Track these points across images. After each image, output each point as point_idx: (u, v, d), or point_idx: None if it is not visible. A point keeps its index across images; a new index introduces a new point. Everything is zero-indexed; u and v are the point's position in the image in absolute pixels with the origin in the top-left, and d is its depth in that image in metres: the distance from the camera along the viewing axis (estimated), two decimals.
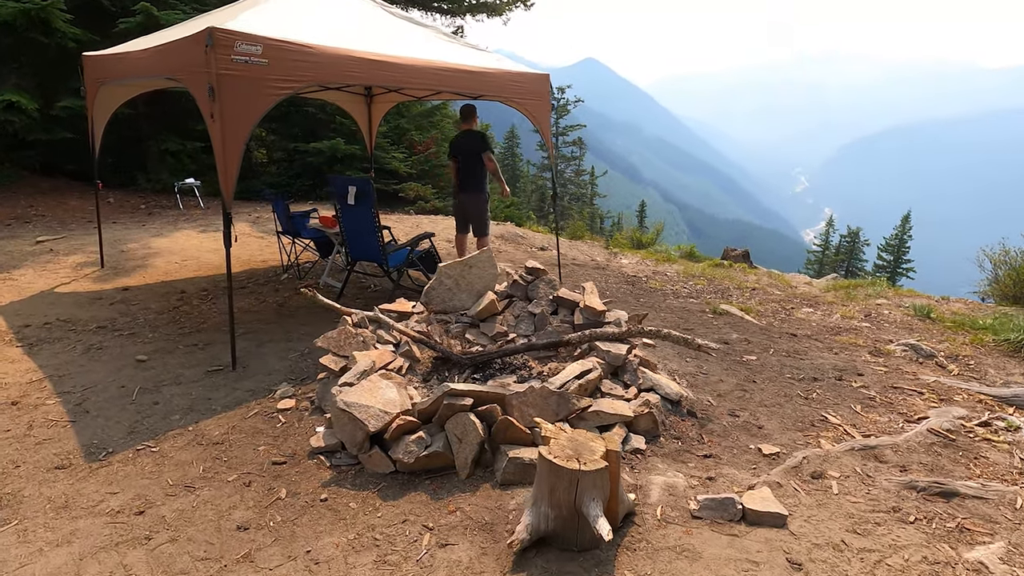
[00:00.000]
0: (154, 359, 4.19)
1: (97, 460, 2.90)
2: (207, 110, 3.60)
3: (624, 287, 6.95)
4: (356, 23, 4.99)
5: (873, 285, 8.45)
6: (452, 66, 4.98)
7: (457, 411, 2.69)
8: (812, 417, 3.45)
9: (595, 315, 3.70)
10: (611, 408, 2.95)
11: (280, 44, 3.76)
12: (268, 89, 3.76)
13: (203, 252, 7.24)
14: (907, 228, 34.70)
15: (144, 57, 4.48)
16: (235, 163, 3.68)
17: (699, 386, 3.82)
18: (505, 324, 4.02)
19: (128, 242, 7.45)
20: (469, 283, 4.10)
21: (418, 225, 10.13)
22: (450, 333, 3.96)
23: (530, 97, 5.75)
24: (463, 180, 6.01)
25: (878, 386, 4.01)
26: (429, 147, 13.00)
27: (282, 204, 6.21)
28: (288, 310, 5.34)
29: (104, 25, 9.39)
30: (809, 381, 4.06)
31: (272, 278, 6.37)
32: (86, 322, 4.89)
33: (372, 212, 4.88)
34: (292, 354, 4.28)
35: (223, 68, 3.52)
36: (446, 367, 3.70)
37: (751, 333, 5.18)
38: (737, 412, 3.45)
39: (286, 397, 3.54)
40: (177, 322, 4.98)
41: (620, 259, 9.41)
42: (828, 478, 2.66)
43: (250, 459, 2.90)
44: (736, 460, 2.90)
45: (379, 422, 2.69)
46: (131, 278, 6.13)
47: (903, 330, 5.56)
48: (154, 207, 9.92)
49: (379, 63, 4.37)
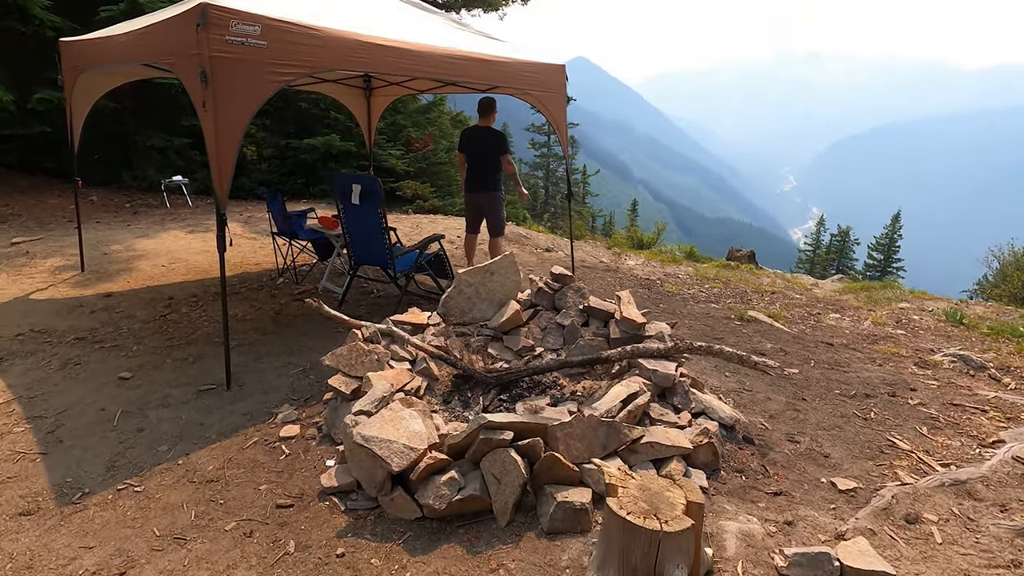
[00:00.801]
0: (139, 376, 3.76)
1: (71, 503, 2.48)
2: (198, 98, 3.18)
3: (640, 291, 6.59)
4: (360, 6, 4.58)
5: (890, 288, 8.17)
6: (466, 54, 4.58)
7: (495, 447, 2.31)
8: (878, 442, 3.11)
9: (634, 328, 3.33)
10: (666, 438, 2.58)
11: (281, 25, 3.34)
12: (267, 75, 3.35)
13: (192, 254, 6.78)
14: (897, 228, 34.82)
15: (127, 41, 4.04)
16: (230, 158, 3.26)
17: (747, 405, 3.47)
18: (531, 337, 3.64)
19: (111, 243, 6.98)
20: (490, 291, 3.72)
21: (418, 225, 9.71)
22: (470, 347, 3.57)
23: (545, 89, 5.37)
24: (478, 179, 5.62)
25: (936, 403, 3.69)
26: (427, 144, 12.57)
27: (278, 203, 5.77)
28: (286, 318, 4.92)
29: (85, 13, 8.86)
30: (861, 398, 3.72)
31: (267, 282, 5.94)
32: (63, 333, 4.44)
33: (379, 213, 4.48)
34: (293, 370, 3.87)
35: (217, 50, 3.11)
36: (467, 385, 3.32)
37: (785, 342, 4.84)
38: (796, 437, 3.09)
39: (289, 422, 3.13)
40: (164, 332, 4.54)
41: (626, 260, 9.05)
42: (925, 522, 2.31)
43: (251, 501, 2.50)
44: (810, 498, 2.54)
45: (404, 460, 2.30)
46: (114, 283, 5.67)
47: (940, 338, 5.26)
48: (139, 206, 9.41)
49: (389, 49, 3.96)
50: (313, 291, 5.63)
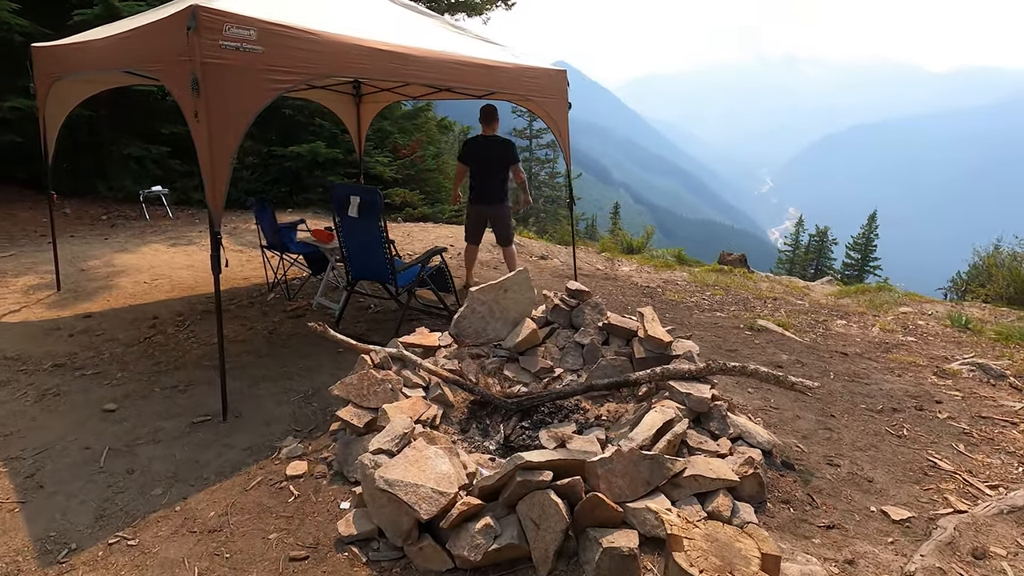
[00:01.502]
0: (125, 407, 3.48)
1: (56, 563, 2.22)
2: (189, 108, 2.93)
3: (643, 300, 6.44)
4: (355, 8, 4.36)
5: (886, 290, 8.16)
6: (469, 59, 4.39)
7: (533, 489, 2.11)
8: (918, 462, 2.98)
9: (660, 347, 3.16)
10: (710, 470, 2.40)
11: (279, 29, 3.11)
12: (264, 82, 3.11)
13: (175, 269, 6.46)
14: (873, 227, 35.44)
15: (107, 46, 3.77)
16: (224, 172, 3.02)
17: (777, 425, 3.32)
18: (548, 357, 3.45)
19: (88, 259, 6.62)
20: (504, 309, 3.52)
21: (409, 233, 9.47)
22: (486, 370, 3.37)
23: (547, 95, 5.20)
24: (485, 189, 5.43)
25: (965, 417, 3.58)
26: (414, 150, 12.32)
27: (268, 214, 5.49)
28: (281, 338, 4.65)
29: (57, 17, 8.47)
30: (889, 413, 3.60)
31: (257, 298, 5.66)
32: (40, 360, 4.13)
33: (379, 226, 4.24)
34: (293, 396, 3.62)
35: (210, 56, 2.87)
36: (485, 412, 3.12)
37: (799, 353, 4.72)
38: (834, 459, 2.95)
39: (295, 458, 2.89)
40: (151, 357, 4.25)
41: (621, 267, 8.91)
42: (994, 557, 2.17)
43: (260, 553, 2.26)
44: (865, 530, 2.38)
45: (433, 506, 2.09)
46: (93, 302, 5.34)
47: (951, 344, 5.19)
48: (117, 217, 9.01)
49: (391, 54, 3.75)
50: (307, 307, 5.38)
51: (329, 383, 3.82)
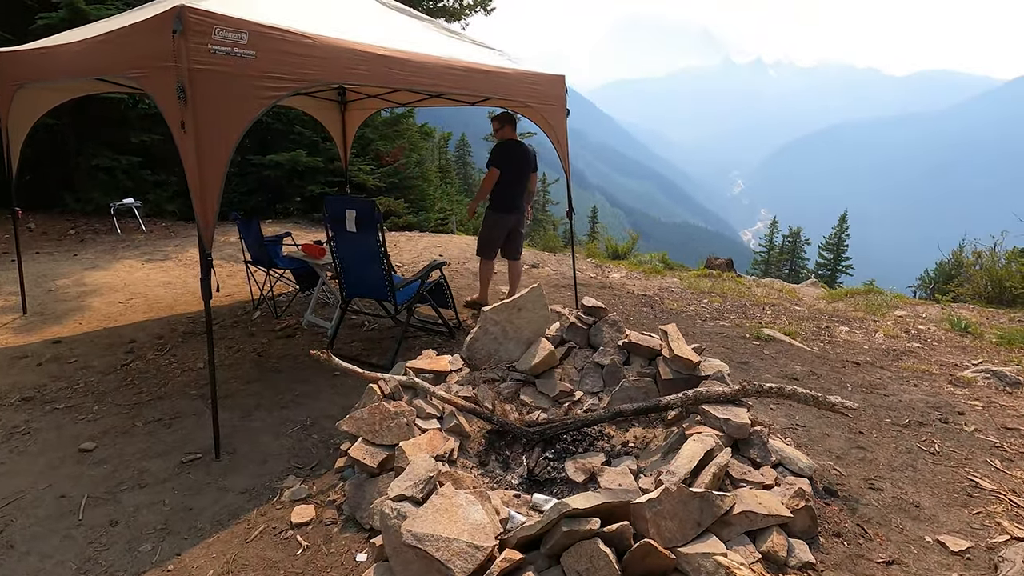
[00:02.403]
0: (104, 446, 3.17)
1: None
2: (175, 118, 2.66)
3: (643, 309, 6.29)
4: (346, 11, 4.13)
5: (876, 293, 8.17)
6: (466, 64, 4.19)
7: (579, 539, 1.91)
8: (959, 481, 2.85)
9: (688, 367, 2.98)
10: (759, 505, 2.23)
11: (273, 32, 2.87)
12: (257, 90, 2.86)
13: (151, 287, 6.09)
14: (844, 228, 36.17)
15: (80, 51, 3.46)
16: (216, 188, 2.75)
17: (807, 445, 3.17)
18: (567, 379, 3.25)
19: (57, 278, 6.21)
20: (518, 329, 3.31)
21: (396, 244, 9.20)
22: (501, 395, 3.15)
23: (546, 102, 5.01)
24: (516, 197, 5.20)
25: (992, 429, 3.48)
26: (397, 158, 12.05)
27: (253, 228, 5.18)
28: (271, 361, 4.36)
29: (19, 21, 8.04)
30: (916, 427, 3.49)
31: (242, 317, 5.35)
32: (6, 392, 3.78)
33: (377, 240, 4.00)
34: (291, 427, 3.35)
35: (198, 61, 2.61)
36: (503, 441, 2.91)
37: (812, 364, 4.61)
38: (875, 482, 2.80)
39: (299, 501, 2.63)
40: (130, 386, 3.93)
41: (612, 274, 8.76)
42: None
43: None
44: (926, 565, 2.23)
45: (470, 563, 1.86)
46: (64, 326, 4.97)
47: (956, 349, 5.15)
48: (86, 232, 8.55)
49: (389, 59, 3.53)
50: (296, 325, 5.09)
51: (329, 410, 3.59)
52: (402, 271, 7.35)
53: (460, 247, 9.18)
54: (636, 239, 15.74)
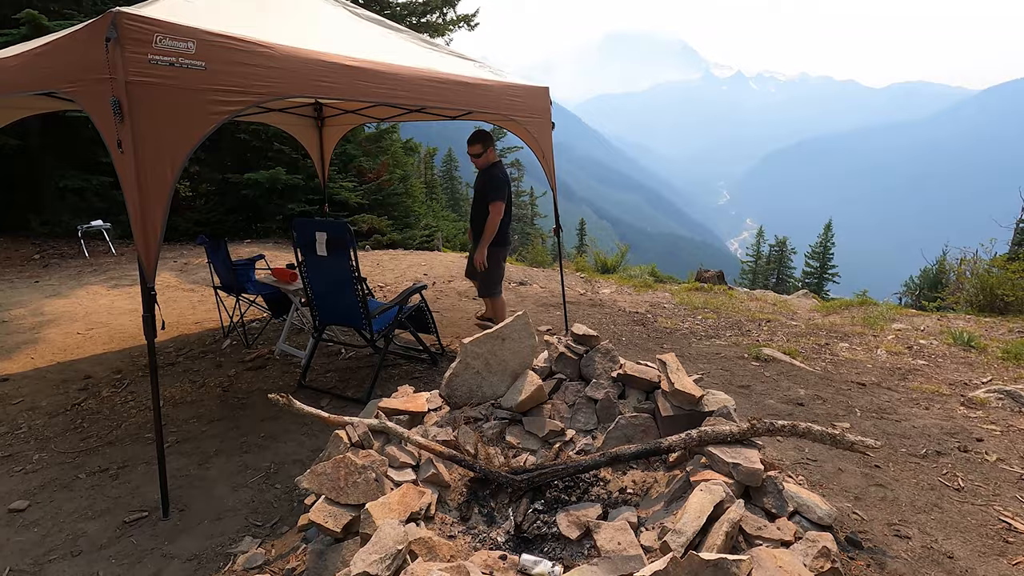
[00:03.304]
0: (39, 504, 2.82)
1: None
2: (111, 137, 2.37)
3: (635, 328, 6.03)
4: (313, 21, 3.87)
5: (870, 304, 8.00)
6: (445, 76, 3.93)
7: None
8: (991, 524, 2.59)
9: (690, 403, 2.70)
10: (780, 569, 1.94)
11: (225, 41, 2.59)
12: (206, 104, 2.57)
13: (115, 315, 5.73)
14: (830, 236, 36.41)
15: (17, 66, 3.16)
16: (158, 214, 2.45)
17: (820, 483, 2.90)
18: (557, 416, 2.96)
19: (12, 307, 5.83)
20: (502, 361, 3.02)
21: (379, 263, 8.89)
22: (485, 437, 2.85)
23: (532, 114, 4.77)
24: (507, 225, 4.88)
25: (1015, 457, 3.23)
26: (380, 174, 11.78)
27: (222, 251, 4.86)
28: (237, 396, 4.03)
29: None
30: (934, 457, 3.23)
31: (211, 346, 5.01)
32: None
33: (350, 265, 3.71)
34: (252, 476, 3.02)
35: (136, 73, 2.32)
36: (487, 491, 2.60)
37: (815, 386, 4.36)
38: (901, 529, 2.53)
39: (254, 569, 2.30)
40: (78, 429, 3.58)
41: (602, 289, 8.51)
42: None
43: None
44: None
45: None
46: (13, 360, 4.61)
47: (962, 366, 4.93)
48: (52, 256, 8.15)
49: (359, 71, 3.26)
50: (268, 355, 4.76)
51: (297, 453, 3.27)
52: (384, 292, 7.04)
53: (446, 265, 8.90)
54: (625, 251, 15.54)
